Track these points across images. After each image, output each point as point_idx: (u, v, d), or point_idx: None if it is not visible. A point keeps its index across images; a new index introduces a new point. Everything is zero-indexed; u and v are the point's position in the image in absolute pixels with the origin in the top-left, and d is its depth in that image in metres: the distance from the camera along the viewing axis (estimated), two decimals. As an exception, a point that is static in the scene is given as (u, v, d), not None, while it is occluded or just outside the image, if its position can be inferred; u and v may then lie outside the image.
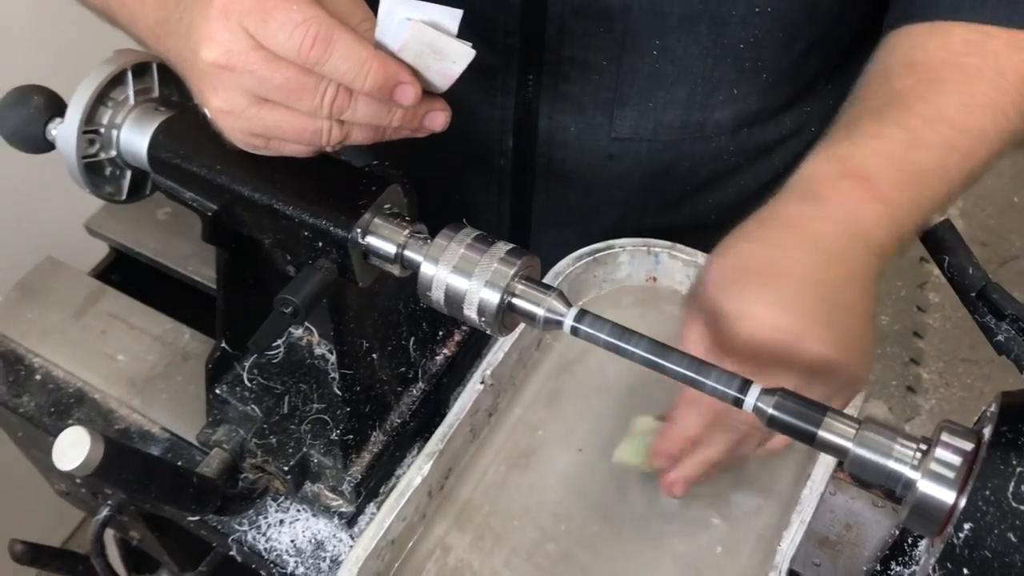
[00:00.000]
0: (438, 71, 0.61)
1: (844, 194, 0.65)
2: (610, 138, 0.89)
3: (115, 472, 0.63)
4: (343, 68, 0.57)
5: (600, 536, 0.77)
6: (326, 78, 0.58)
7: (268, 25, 0.56)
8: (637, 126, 0.88)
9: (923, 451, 0.53)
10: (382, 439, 0.80)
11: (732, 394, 0.57)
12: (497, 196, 0.96)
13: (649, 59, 0.82)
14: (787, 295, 0.62)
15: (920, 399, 2.45)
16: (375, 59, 0.57)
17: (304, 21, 0.56)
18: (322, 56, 0.56)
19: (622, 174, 0.92)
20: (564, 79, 0.85)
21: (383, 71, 0.58)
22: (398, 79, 0.59)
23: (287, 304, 0.63)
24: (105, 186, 0.76)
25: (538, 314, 0.61)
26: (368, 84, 0.58)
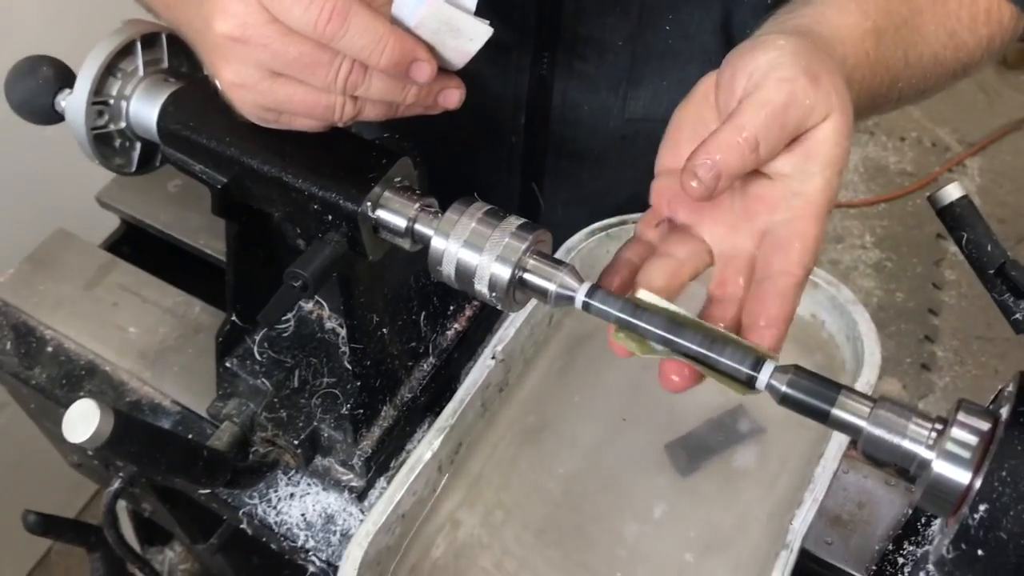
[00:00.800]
0: (454, 48, 0.60)
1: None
2: (623, 119, 0.88)
3: (125, 444, 0.63)
4: (359, 43, 0.56)
5: (610, 512, 0.77)
6: (341, 53, 0.57)
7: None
8: (650, 106, 0.87)
9: (938, 430, 0.52)
10: (392, 414, 0.80)
11: (745, 371, 0.56)
12: (508, 173, 0.95)
13: (663, 35, 0.81)
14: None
15: (934, 376, 2.44)
16: (392, 35, 0.56)
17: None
18: (338, 31, 0.55)
19: (634, 154, 0.91)
20: (579, 58, 0.84)
21: (400, 47, 0.57)
22: (414, 56, 0.58)
23: (297, 278, 0.63)
24: (115, 158, 0.76)
25: (549, 289, 0.60)
26: (384, 60, 0.57)
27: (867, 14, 0.64)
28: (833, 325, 0.82)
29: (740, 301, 0.59)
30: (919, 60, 0.68)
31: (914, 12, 0.67)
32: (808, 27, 0.63)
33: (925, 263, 2.63)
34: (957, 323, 2.53)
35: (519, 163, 0.94)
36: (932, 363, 2.45)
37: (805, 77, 0.55)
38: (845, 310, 0.80)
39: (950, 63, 0.70)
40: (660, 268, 0.60)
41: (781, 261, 0.56)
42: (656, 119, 0.88)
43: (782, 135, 0.55)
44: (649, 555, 0.75)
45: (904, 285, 2.60)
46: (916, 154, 2.89)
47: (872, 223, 2.70)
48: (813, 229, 0.56)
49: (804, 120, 0.55)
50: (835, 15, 0.64)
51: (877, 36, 0.64)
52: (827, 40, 0.62)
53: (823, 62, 0.57)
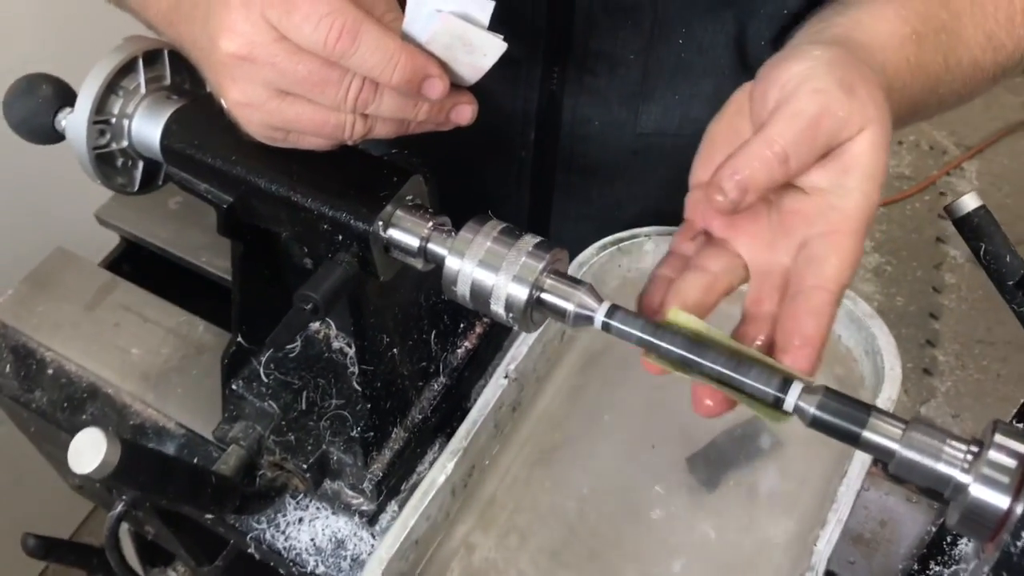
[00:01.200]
0: (467, 64, 0.59)
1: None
2: (635, 133, 0.86)
3: (132, 474, 0.62)
4: (370, 61, 0.54)
5: (628, 533, 0.75)
6: (351, 71, 0.55)
7: (292, 16, 0.53)
8: (662, 121, 0.85)
9: (974, 453, 0.51)
10: (403, 435, 0.78)
11: (772, 393, 0.55)
12: (517, 188, 0.94)
13: (676, 49, 0.80)
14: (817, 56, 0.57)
15: (936, 381, 2.42)
16: (403, 52, 0.55)
17: (330, 12, 0.53)
18: (349, 49, 0.54)
19: (645, 169, 0.90)
20: (590, 72, 0.82)
21: (411, 64, 0.55)
22: (426, 72, 0.56)
23: (307, 300, 0.61)
24: (116, 177, 0.74)
25: (568, 309, 0.59)
26: (396, 78, 0.55)
27: (906, 20, 0.63)
28: (851, 339, 0.80)
29: (775, 318, 0.57)
30: (959, 65, 0.67)
31: (953, 16, 0.66)
32: (846, 36, 0.61)
33: (925, 267, 2.62)
34: (958, 327, 2.52)
35: (529, 178, 0.93)
36: (934, 367, 2.44)
37: (839, 88, 0.53)
38: (863, 324, 0.78)
39: (989, 66, 0.69)
40: (694, 282, 0.58)
41: (815, 276, 0.54)
42: (668, 133, 0.87)
43: (814, 148, 0.53)
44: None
45: (904, 289, 2.59)
46: (914, 158, 2.88)
47: (871, 227, 2.69)
48: (850, 244, 0.54)
49: (838, 132, 0.54)
50: (873, 22, 0.62)
51: (917, 42, 0.63)
52: (866, 47, 0.60)
53: (860, 72, 0.56)
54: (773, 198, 0.58)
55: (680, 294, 0.58)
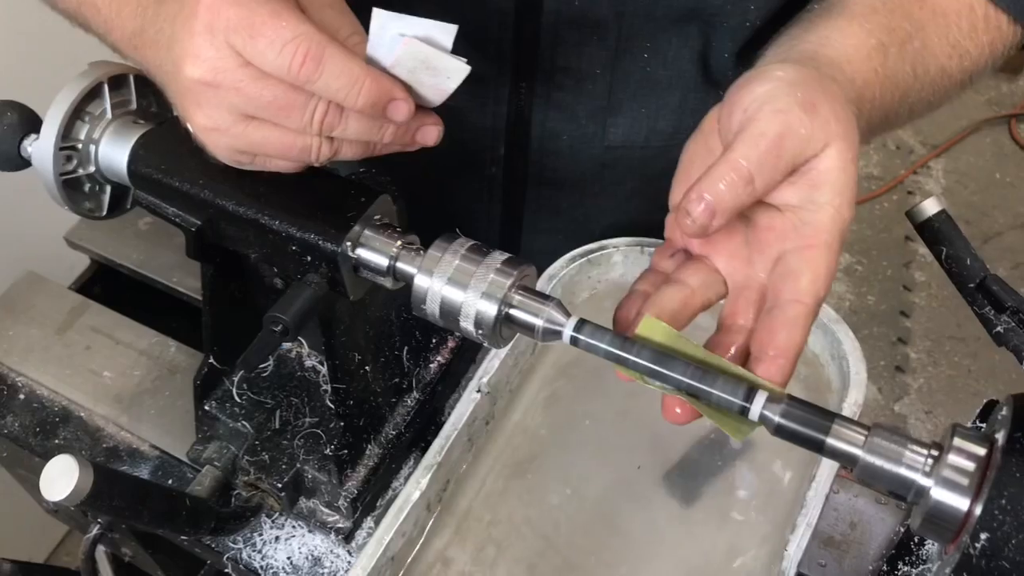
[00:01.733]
0: (432, 86, 0.59)
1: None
2: (603, 147, 0.87)
3: (106, 500, 0.61)
4: (335, 86, 0.55)
5: (603, 542, 0.76)
6: (316, 95, 0.56)
7: (256, 42, 0.54)
8: (630, 134, 0.86)
9: (935, 457, 0.52)
10: (377, 452, 0.79)
11: (738, 403, 0.56)
12: (488, 203, 0.95)
13: (641, 63, 0.81)
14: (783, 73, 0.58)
15: (908, 378, 2.45)
16: (368, 76, 0.55)
17: (294, 38, 0.53)
18: (313, 74, 0.54)
19: (614, 181, 0.91)
20: (557, 88, 0.83)
21: (376, 88, 0.56)
22: (391, 96, 0.57)
23: (277, 322, 0.61)
24: (84, 202, 0.74)
25: (537, 325, 0.60)
26: (361, 101, 0.56)
27: (871, 32, 0.64)
28: (817, 344, 0.82)
29: (750, 332, 0.58)
30: (926, 73, 0.68)
31: (917, 27, 0.67)
32: (813, 52, 0.63)
33: (895, 265, 2.66)
34: (929, 324, 2.55)
35: (499, 193, 0.93)
36: (906, 365, 2.47)
37: (800, 107, 0.55)
38: (828, 328, 0.80)
39: (956, 73, 0.70)
40: (672, 295, 0.60)
41: (790, 290, 0.56)
42: (636, 146, 0.88)
43: (778, 167, 0.55)
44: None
45: (875, 288, 2.62)
46: (881, 157, 2.92)
47: (846, 240, 2.72)
48: (824, 257, 0.56)
49: (802, 150, 0.55)
50: (840, 36, 0.64)
51: (884, 53, 0.64)
52: (834, 61, 0.61)
53: (823, 90, 0.57)
54: (748, 215, 0.59)
55: (657, 305, 0.59)
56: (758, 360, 0.57)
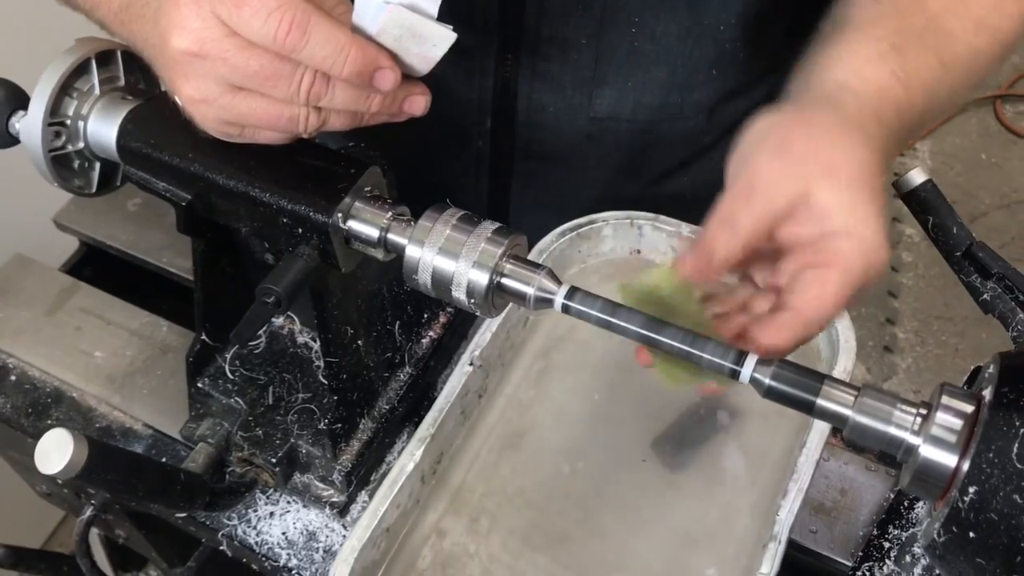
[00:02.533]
0: (418, 55, 0.59)
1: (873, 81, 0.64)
2: (588, 118, 0.88)
3: (100, 473, 0.62)
4: (321, 54, 0.55)
5: (596, 512, 0.77)
6: (302, 64, 0.56)
7: (242, 11, 0.54)
8: (616, 106, 0.87)
9: (923, 415, 0.53)
10: (371, 426, 0.79)
11: (728, 366, 0.56)
12: (475, 177, 0.95)
13: (628, 37, 0.81)
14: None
15: (897, 358, 2.47)
16: (353, 44, 0.55)
17: (279, 7, 0.53)
18: (299, 43, 0.54)
19: (600, 154, 0.91)
20: (543, 58, 0.84)
21: (362, 56, 0.56)
22: (377, 64, 0.57)
23: (269, 294, 0.62)
24: (74, 179, 0.74)
25: (528, 293, 0.60)
26: (347, 70, 0.56)
27: (881, 39, 0.65)
28: (806, 314, 0.82)
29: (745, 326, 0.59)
30: (956, 58, 0.68)
31: (931, 18, 0.67)
32: (822, 78, 0.64)
33: (883, 246, 2.67)
34: (916, 304, 2.56)
35: (487, 166, 0.94)
36: (894, 345, 2.49)
37: (769, 152, 0.58)
38: (818, 299, 0.80)
39: (987, 47, 0.70)
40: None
41: (795, 299, 0.57)
42: (622, 119, 0.88)
43: (754, 212, 0.57)
44: (636, 554, 0.74)
45: (863, 269, 2.63)
46: (868, 140, 2.93)
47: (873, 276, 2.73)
48: (835, 278, 0.56)
49: (775, 192, 0.57)
50: (848, 53, 0.65)
51: (899, 53, 0.64)
52: (843, 83, 0.62)
53: (805, 127, 0.59)
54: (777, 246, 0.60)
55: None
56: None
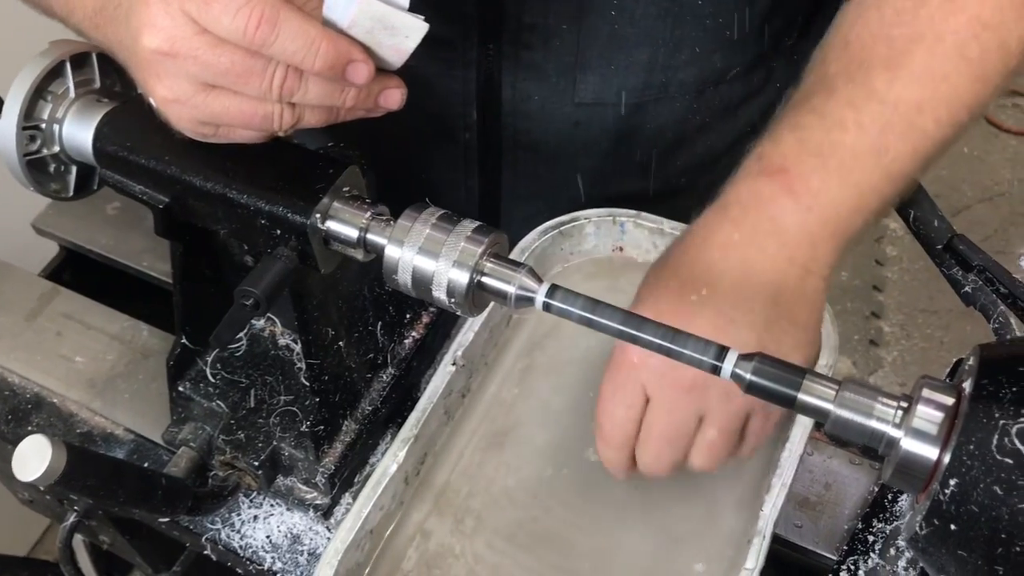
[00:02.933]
0: (391, 47, 0.59)
1: (760, 195, 0.65)
2: (574, 104, 0.87)
3: (80, 479, 0.61)
4: (291, 48, 0.55)
5: (581, 511, 0.76)
6: (274, 60, 0.56)
7: (211, 8, 0.53)
8: (600, 90, 0.86)
9: (904, 408, 0.52)
10: (354, 428, 0.79)
11: (709, 361, 0.56)
12: (464, 172, 0.94)
13: (608, 20, 0.81)
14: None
15: (883, 352, 2.48)
16: (324, 38, 0.55)
17: (248, 3, 0.53)
18: (268, 37, 0.54)
19: (589, 141, 0.91)
20: (525, 47, 0.83)
21: (333, 50, 0.56)
22: (349, 57, 0.57)
23: (248, 296, 0.61)
24: (50, 183, 0.73)
25: (509, 292, 0.60)
26: (319, 64, 0.56)
27: (861, 134, 0.65)
28: (789, 309, 0.82)
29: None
30: (951, 112, 0.67)
31: (918, 82, 0.66)
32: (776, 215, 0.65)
33: (867, 241, 2.68)
34: (901, 298, 2.58)
35: (475, 161, 0.93)
36: (880, 339, 2.50)
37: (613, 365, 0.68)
38: (800, 293, 0.80)
39: (962, 111, 0.68)
40: None
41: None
42: (607, 103, 0.87)
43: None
44: (622, 552, 0.74)
45: (848, 264, 2.64)
46: (852, 135, 2.94)
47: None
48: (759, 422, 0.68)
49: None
50: (837, 183, 0.65)
51: (883, 153, 0.65)
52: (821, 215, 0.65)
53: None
54: None
55: None
56: None
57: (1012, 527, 0.46)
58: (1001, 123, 2.86)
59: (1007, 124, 2.86)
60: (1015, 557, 0.46)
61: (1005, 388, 0.48)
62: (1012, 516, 0.46)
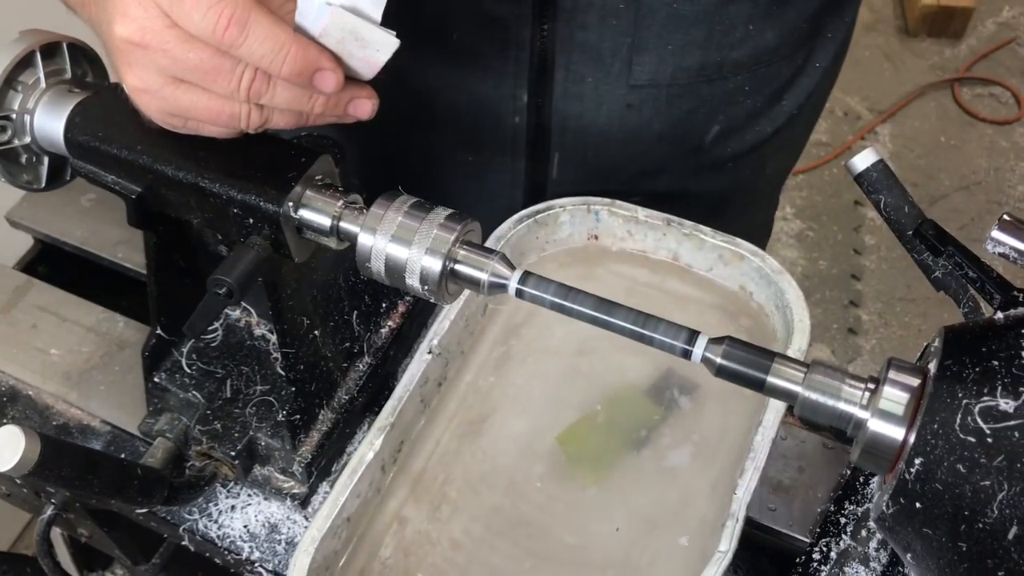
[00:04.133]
0: (361, 59, 0.59)
1: None
2: (628, 86, 0.86)
3: (54, 469, 0.61)
4: (259, 51, 0.55)
5: (556, 497, 0.77)
6: (243, 61, 0.56)
7: (183, 3, 0.54)
8: (656, 72, 0.85)
9: (871, 390, 0.53)
10: (330, 417, 0.79)
11: (680, 346, 0.57)
12: (512, 156, 0.92)
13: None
14: None
15: (861, 340, 2.50)
16: (294, 43, 0.55)
17: (219, 1, 0.53)
18: (237, 38, 0.54)
19: (640, 125, 0.89)
20: (580, 27, 0.82)
21: (302, 56, 0.55)
22: (318, 65, 0.56)
23: (221, 285, 0.61)
24: (22, 174, 0.73)
25: (482, 279, 0.60)
26: (286, 69, 0.56)
27: None
28: (761, 295, 0.83)
29: None
30: None
31: None
32: None
33: (845, 230, 2.70)
34: (879, 286, 2.60)
35: (523, 144, 0.91)
36: (858, 327, 2.51)
37: None
38: (772, 280, 0.81)
39: None
40: None
41: None
42: (661, 84, 0.86)
43: None
44: (597, 537, 0.75)
45: (826, 253, 2.65)
46: (830, 124, 2.95)
47: (792, 194, 2.75)
48: None
49: None
50: None
51: None
52: None
53: None
54: None
55: None
56: None
57: (975, 504, 0.47)
58: (977, 112, 2.89)
59: (983, 113, 2.88)
60: (978, 534, 0.47)
61: (968, 368, 0.49)
62: (975, 493, 0.47)
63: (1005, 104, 2.93)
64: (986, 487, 0.47)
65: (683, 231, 0.84)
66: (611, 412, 0.80)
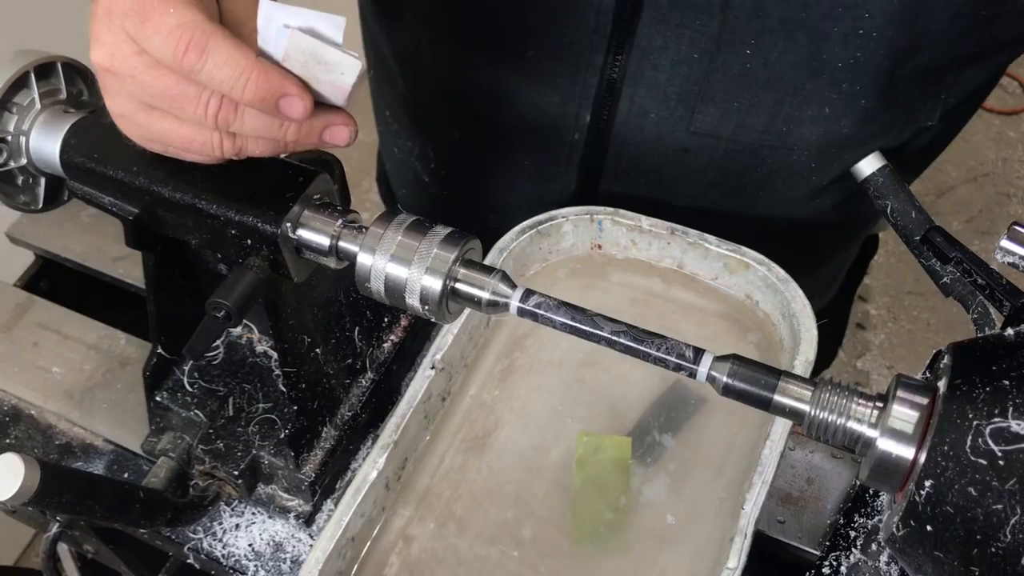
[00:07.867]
0: (328, 83, 0.57)
1: None
2: (689, 132, 0.85)
3: (55, 496, 0.60)
4: (219, 76, 0.53)
5: (564, 513, 0.76)
6: (206, 87, 0.55)
7: (145, 28, 0.53)
8: (718, 124, 0.84)
9: (880, 408, 0.52)
10: (334, 434, 0.78)
11: (686, 365, 0.56)
12: (565, 168, 0.92)
13: (741, 58, 0.79)
14: None
15: (870, 335, 2.49)
16: (255, 68, 0.54)
17: (179, 25, 0.52)
18: (195, 63, 0.53)
19: (695, 169, 0.89)
20: (652, 67, 0.81)
21: (265, 81, 0.54)
22: (282, 91, 0.55)
23: (219, 308, 0.61)
24: (19, 196, 0.72)
25: (483, 298, 0.59)
26: (248, 94, 0.54)
27: None
28: (767, 304, 0.82)
29: None
30: None
31: None
32: None
33: (852, 225, 2.68)
34: (887, 280, 2.58)
35: (577, 159, 0.91)
36: (867, 321, 2.50)
37: None
38: (778, 288, 0.80)
39: None
40: None
41: None
42: (723, 137, 0.85)
43: None
44: (605, 553, 0.74)
45: (834, 248, 2.64)
46: (835, 118, 2.94)
47: None
48: None
49: None
50: None
51: None
52: None
53: None
54: None
55: None
56: None
57: (987, 528, 0.46)
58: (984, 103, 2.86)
59: (991, 104, 2.86)
60: (990, 558, 0.46)
61: (979, 388, 0.48)
62: (987, 517, 0.46)
63: (1013, 95, 2.91)
64: (998, 511, 0.46)
65: (688, 240, 0.83)
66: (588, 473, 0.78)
